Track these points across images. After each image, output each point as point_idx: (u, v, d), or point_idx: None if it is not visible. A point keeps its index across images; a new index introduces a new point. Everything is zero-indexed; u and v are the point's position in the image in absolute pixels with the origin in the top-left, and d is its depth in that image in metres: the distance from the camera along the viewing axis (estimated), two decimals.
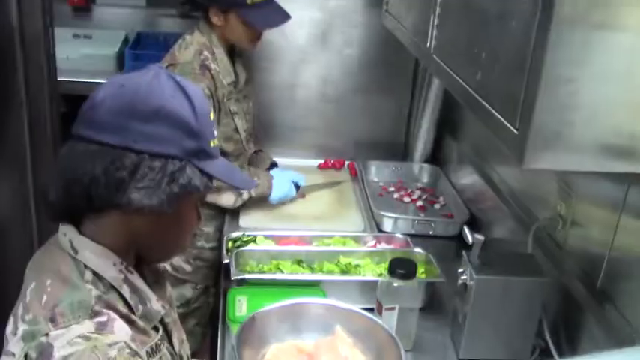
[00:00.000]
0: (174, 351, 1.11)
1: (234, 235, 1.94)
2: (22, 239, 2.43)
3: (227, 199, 2.06)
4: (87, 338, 0.89)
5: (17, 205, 2.41)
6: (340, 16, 2.46)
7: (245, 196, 2.08)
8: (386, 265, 1.72)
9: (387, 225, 2.11)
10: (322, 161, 2.58)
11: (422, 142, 2.57)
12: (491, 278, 1.48)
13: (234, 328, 1.48)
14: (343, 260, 1.79)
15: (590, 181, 1.47)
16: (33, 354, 0.89)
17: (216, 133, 1.03)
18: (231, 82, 2.07)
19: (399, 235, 2.00)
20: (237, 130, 2.11)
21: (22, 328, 0.92)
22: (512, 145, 1.02)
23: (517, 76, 0.99)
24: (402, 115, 2.63)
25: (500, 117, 1.07)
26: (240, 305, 1.61)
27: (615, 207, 1.34)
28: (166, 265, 2.06)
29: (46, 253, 1.04)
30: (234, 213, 2.12)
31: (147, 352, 1.00)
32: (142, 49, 3.27)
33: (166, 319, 1.10)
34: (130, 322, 0.98)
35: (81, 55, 3.18)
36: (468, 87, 1.22)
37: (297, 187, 2.22)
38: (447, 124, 2.53)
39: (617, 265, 1.36)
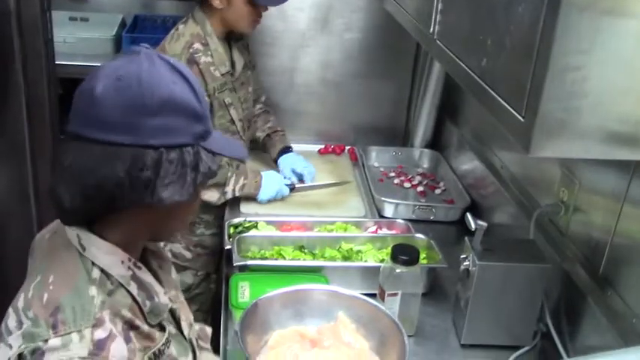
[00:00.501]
0: (184, 336, 1.11)
1: (236, 221, 1.94)
2: (21, 223, 2.43)
3: (210, 195, 2.02)
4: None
5: (16, 190, 2.41)
6: None
7: (229, 194, 2.05)
8: (387, 250, 1.73)
9: (388, 210, 2.11)
10: (322, 146, 2.57)
11: (422, 127, 2.56)
12: (493, 265, 1.48)
13: (237, 315, 1.48)
14: (345, 246, 1.79)
15: (593, 167, 1.47)
16: (27, 355, 0.89)
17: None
18: (226, 72, 2.04)
19: (400, 221, 2.00)
20: (232, 122, 2.08)
21: (25, 325, 0.92)
22: (518, 133, 1.01)
23: (524, 63, 0.98)
24: (402, 99, 2.62)
25: (505, 104, 1.06)
26: (243, 291, 1.61)
27: (619, 193, 1.34)
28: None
29: (52, 244, 1.03)
30: (235, 199, 2.11)
31: (149, 358, 0.99)
32: (140, 32, 3.25)
33: (174, 306, 1.10)
34: (134, 328, 0.97)
35: (77, 38, 3.14)
36: (472, 74, 1.21)
37: (292, 188, 2.18)
38: (448, 109, 2.52)
39: (619, 251, 1.36)
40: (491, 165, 2.09)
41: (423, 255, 1.79)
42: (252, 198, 2.10)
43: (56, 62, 2.45)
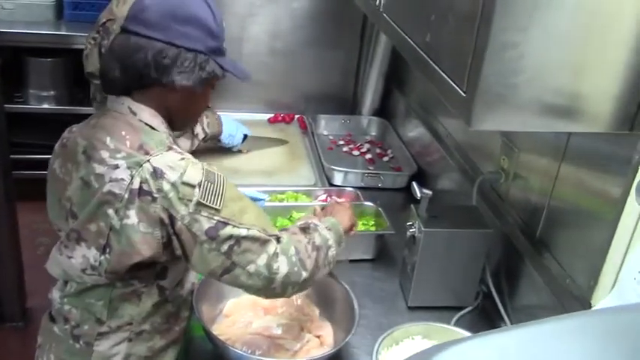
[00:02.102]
0: None
1: None
2: None
3: (184, 144, 2.01)
4: (180, 159, 1.20)
5: None
6: None
7: (200, 135, 2.07)
8: None
9: (338, 179, 2.16)
10: (272, 115, 2.58)
11: (370, 96, 2.60)
12: (438, 231, 1.55)
13: None
14: (296, 215, 1.83)
15: (532, 136, 1.53)
16: (145, 175, 1.17)
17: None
18: None
19: (349, 189, 2.05)
20: None
21: (123, 162, 1.18)
22: (460, 106, 1.06)
23: (465, 40, 1.02)
24: (350, 68, 2.65)
25: (448, 79, 1.10)
26: None
27: (555, 161, 1.42)
28: None
29: (102, 120, 1.27)
30: None
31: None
32: None
33: None
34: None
35: (16, 4, 3.04)
36: (417, 48, 1.25)
37: (244, 136, 2.23)
38: (395, 78, 2.56)
39: (554, 216, 1.44)
40: (436, 133, 2.15)
41: (371, 222, 1.85)
42: (208, 160, 2.11)
43: None
